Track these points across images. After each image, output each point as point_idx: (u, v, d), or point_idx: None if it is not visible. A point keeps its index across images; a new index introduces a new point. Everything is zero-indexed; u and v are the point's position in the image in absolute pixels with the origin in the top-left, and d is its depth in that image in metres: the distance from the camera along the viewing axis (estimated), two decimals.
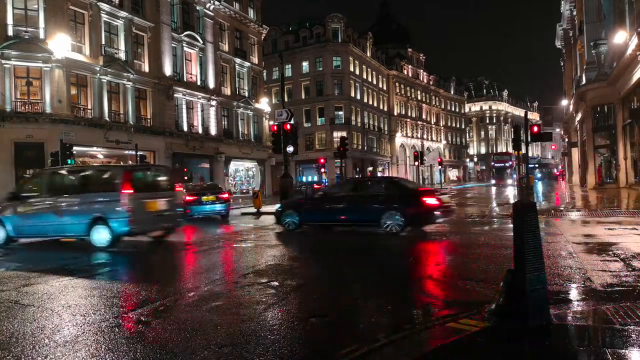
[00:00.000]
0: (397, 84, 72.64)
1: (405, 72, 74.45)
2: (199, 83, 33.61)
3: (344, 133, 51.24)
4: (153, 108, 29.52)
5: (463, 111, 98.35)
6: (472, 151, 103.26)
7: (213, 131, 34.61)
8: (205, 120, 34.02)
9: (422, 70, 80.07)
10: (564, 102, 44.87)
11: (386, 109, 70.03)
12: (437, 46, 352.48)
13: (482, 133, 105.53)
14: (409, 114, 75.98)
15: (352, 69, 58.47)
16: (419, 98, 79.19)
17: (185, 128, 31.96)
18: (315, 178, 51.27)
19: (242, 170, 40.87)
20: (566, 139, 50.50)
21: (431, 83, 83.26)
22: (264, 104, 41.70)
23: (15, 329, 4.53)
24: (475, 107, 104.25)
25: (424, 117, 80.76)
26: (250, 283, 6.34)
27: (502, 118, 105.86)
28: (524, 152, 21.53)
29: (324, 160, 40.10)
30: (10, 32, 22.75)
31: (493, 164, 75.49)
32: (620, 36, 20.63)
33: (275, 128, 21.21)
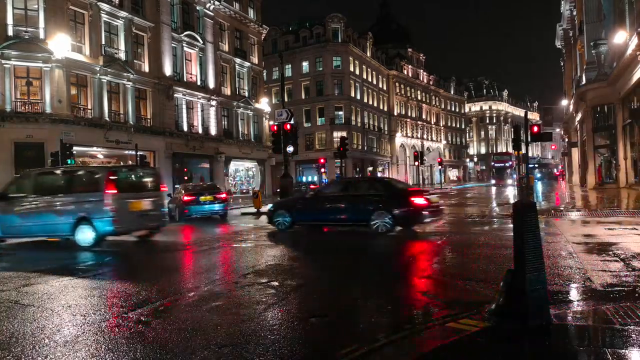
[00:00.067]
0: (397, 84, 72.63)
1: (405, 72, 74.44)
2: (199, 83, 33.62)
3: (344, 133, 51.26)
4: (153, 108, 29.53)
5: (463, 111, 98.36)
6: (472, 151, 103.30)
7: (213, 131, 34.62)
8: (205, 120, 34.02)
9: (422, 70, 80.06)
10: (564, 102, 44.87)
11: (386, 109, 70.02)
12: (437, 46, 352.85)
13: (482, 133, 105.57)
14: (409, 114, 75.97)
15: (352, 69, 58.47)
16: (419, 98, 79.18)
17: (185, 128, 31.96)
18: (315, 178, 51.22)
19: (242, 170, 40.87)
20: (566, 139, 50.50)
21: (431, 83, 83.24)
22: (264, 104, 41.70)
23: (15, 329, 4.53)
24: (475, 107, 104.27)
25: (424, 117, 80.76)
26: (250, 283, 6.34)
27: (502, 118, 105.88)
28: (524, 152, 21.54)
29: (324, 160, 40.08)
30: (10, 32, 22.76)
31: (493, 164, 75.50)
32: (620, 36, 20.63)
33: (275, 128, 21.20)
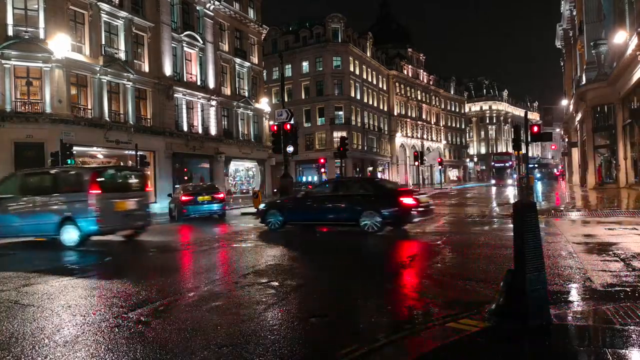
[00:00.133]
0: (397, 84, 72.60)
1: (405, 72, 74.41)
2: (199, 83, 33.61)
3: (344, 133, 51.24)
4: (153, 108, 29.52)
5: (463, 111, 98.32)
6: (472, 151, 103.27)
7: (213, 131, 34.61)
8: (205, 120, 34.01)
9: (422, 70, 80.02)
10: (564, 102, 44.85)
11: (386, 109, 70.00)
12: (437, 46, 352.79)
13: (482, 133, 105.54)
14: (409, 114, 75.94)
15: (352, 69, 58.46)
16: (419, 98, 79.15)
17: (185, 128, 31.95)
18: (315, 178, 51.22)
19: (242, 170, 40.85)
20: (566, 139, 50.48)
21: (431, 83, 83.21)
22: (264, 104, 41.68)
23: (15, 329, 4.52)
24: (475, 107, 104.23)
25: (424, 117, 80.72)
26: (250, 283, 6.34)
27: (502, 118, 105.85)
28: (524, 152, 21.54)
29: (324, 160, 40.06)
30: (10, 32, 22.75)
31: (493, 164, 75.57)
32: (620, 36, 20.62)
33: (275, 128, 21.19)
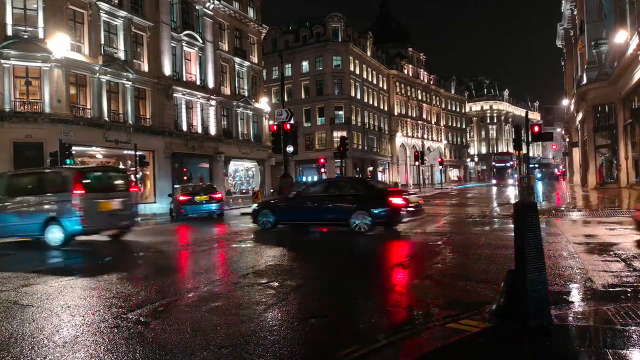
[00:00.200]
0: (398, 84, 72.58)
1: (405, 72, 74.38)
2: (199, 83, 33.58)
3: (344, 133, 51.23)
4: (152, 108, 29.48)
5: (464, 111, 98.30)
6: (473, 151, 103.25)
7: (212, 131, 34.58)
8: (204, 120, 33.98)
9: (423, 69, 79.97)
10: (565, 102, 44.84)
11: (386, 109, 69.97)
12: (437, 46, 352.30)
13: (483, 133, 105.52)
14: (410, 114, 75.92)
15: (352, 69, 58.43)
16: (420, 98, 79.11)
17: (184, 128, 31.92)
18: (315, 178, 51.19)
19: (242, 170, 40.82)
20: (567, 139, 50.48)
21: (431, 83, 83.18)
22: (264, 104, 41.65)
23: (14, 330, 4.51)
24: (475, 107, 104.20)
25: (425, 117, 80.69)
26: (249, 283, 6.33)
27: (503, 118, 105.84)
28: (525, 152, 21.53)
29: (324, 160, 39.99)
30: (9, 32, 22.70)
31: (494, 164, 75.45)
32: (621, 36, 20.60)
33: (275, 128, 21.16)
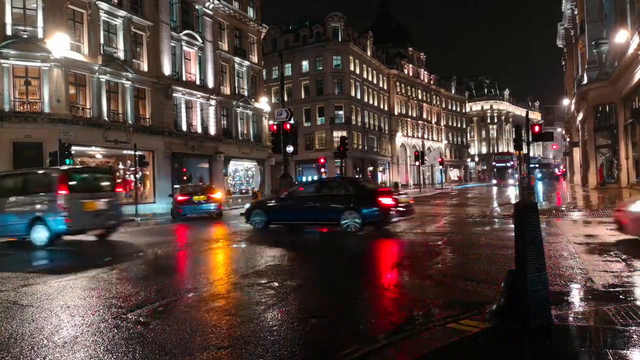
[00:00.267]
0: (398, 84, 72.54)
1: (405, 72, 74.33)
2: (198, 82, 33.55)
3: (344, 133, 51.20)
4: (152, 107, 29.46)
5: (464, 111, 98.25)
6: (473, 151, 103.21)
7: (212, 131, 34.56)
8: (204, 119, 33.96)
9: (423, 69, 79.92)
10: (566, 102, 44.81)
11: (387, 109, 69.94)
12: (437, 45, 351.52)
13: (483, 133, 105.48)
14: (410, 114, 75.88)
15: (352, 68, 58.39)
16: (420, 97, 79.07)
17: (184, 128, 31.89)
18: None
19: (242, 170, 40.78)
20: (567, 139, 50.46)
21: (432, 82, 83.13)
22: (264, 104, 41.62)
23: (14, 330, 4.51)
24: (476, 107, 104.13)
25: (425, 117, 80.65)
26: (249, 284, 6.32)
27: (504, 118, 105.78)
28: (525, 152, 21.52)
29: (324, 160, 40.01)
30: (8, 32, 22.67)
31: (494, 164, 75.44)
32: (621, 35, 20.57)
33: (275, 128, 21.14)
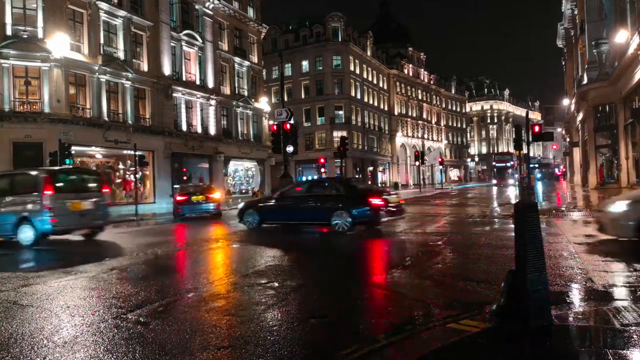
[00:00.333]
0: (398, 83, 72.53)
1: (405, 72, 74.32)
2: (198, 82, 33.55)
3: (344, 133, 51.20)
4: (152, 108, 29.46)
5: (464, 111, 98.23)
6: (473, 151, 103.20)
7: (212, 131, 34.56)
8: (204, 119, 33.96)
9: (423, 69, 79.90)
10: (565, 102, 44.80)
11: (387, 109, 69.93)
12: (437, 45, 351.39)
13: (483, 133, 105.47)
14: (410, 114, 75.87)
15: (352, 68, 58.39)
16: (420, 97, 79.05)
17: (184, 128, 31.89)
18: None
19: (242, 170, 40.79)
20: (567, 139, 50.45)
21: (432, 82, 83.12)
22: (264, 104, 41.62)
23: (14, 330, 4.50)
24: (476, 107, 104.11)
25: (425, 117, 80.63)
26: (249, 284, 6.32)
27: (504, 118, 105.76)
28: (525, 152, 21.52)
29: (324, 160, 40.01)
30: (8, 32, 22.68)
31: (494, 164, 75.57)
32: (621, 35, 20.56)
33: (275, 128, 21.14)
